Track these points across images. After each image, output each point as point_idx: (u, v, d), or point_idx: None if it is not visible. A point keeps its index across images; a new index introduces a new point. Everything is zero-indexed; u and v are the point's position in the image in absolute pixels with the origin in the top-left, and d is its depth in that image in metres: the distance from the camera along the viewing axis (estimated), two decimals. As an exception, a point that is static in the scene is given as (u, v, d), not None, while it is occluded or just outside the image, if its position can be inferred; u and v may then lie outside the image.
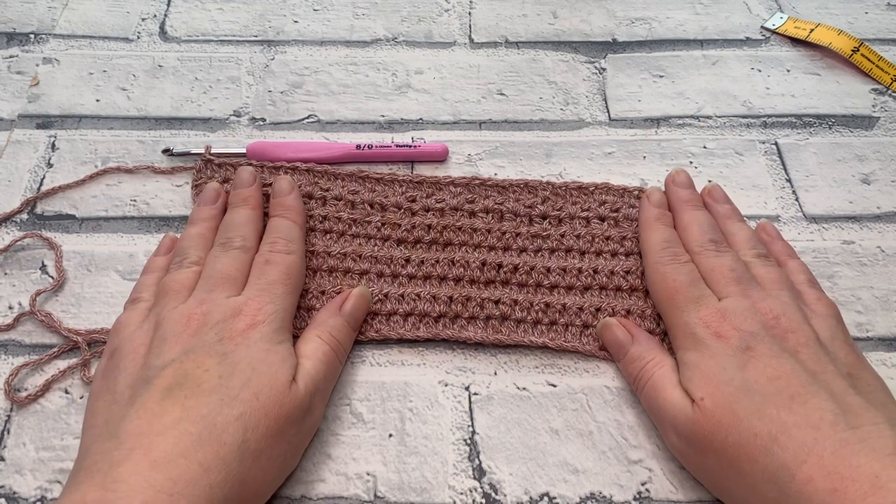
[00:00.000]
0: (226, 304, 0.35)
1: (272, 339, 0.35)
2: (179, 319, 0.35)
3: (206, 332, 0.34)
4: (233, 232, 0.39)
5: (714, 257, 0.39)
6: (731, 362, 0.34)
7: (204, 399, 0.31)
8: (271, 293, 0.36)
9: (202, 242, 0.40)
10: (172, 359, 0.33)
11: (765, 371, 0.33)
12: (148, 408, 0.31)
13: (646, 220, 0.42)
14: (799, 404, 0.31)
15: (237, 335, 0.34)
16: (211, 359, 0.33)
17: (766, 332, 0.34)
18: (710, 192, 0.44)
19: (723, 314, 0.35)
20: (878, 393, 0.33)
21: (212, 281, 0.37)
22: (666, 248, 0.39)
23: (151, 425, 0.30)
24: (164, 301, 0.36)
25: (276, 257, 0.38)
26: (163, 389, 0.31)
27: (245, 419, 0.31)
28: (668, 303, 0.38)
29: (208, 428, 0.30)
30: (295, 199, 0.42)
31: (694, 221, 0.41)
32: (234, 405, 0.31)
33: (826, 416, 0.30)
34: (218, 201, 0.42)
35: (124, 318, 0.37)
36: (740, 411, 0.32)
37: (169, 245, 0.42)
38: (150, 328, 0.35)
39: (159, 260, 0.41)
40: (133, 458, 0.29)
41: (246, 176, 0.42)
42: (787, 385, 0.32)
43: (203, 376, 0.32)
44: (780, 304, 0.36)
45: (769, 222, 0.44)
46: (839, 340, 0.35)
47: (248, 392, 0.32)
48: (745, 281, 0.37)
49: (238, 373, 0.33)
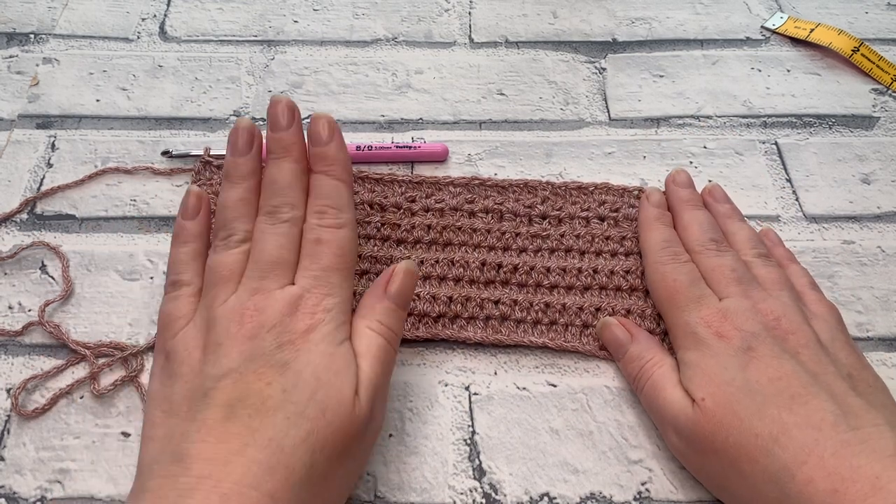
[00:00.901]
0: (280, 298, 0.32)
1: (334, 340, 0.32)
2: (232, 317, 0.32)
3: (263, 337, 0.31)
4: (279, 198, 0.35)
5: (715, 257, 0.38)
6: (733, 362, 0.33)
7: (269, 419, 0.29)
8: (328, 283, 0.33)
9: (246, 210, 0.36)
10: (231, 368, 0.30)
11: (766, 371, 0.33)
12: (211, 427, 0.29)
13: (645, 220, 0.42)
14: (800, 405, 0.31)
15: (297, 339, 0.31)
16: (272, 370, 0.30)
17: (767, 333, 0.34)
18: (711, 192, 0.44)
19: (724, 314, 0.35)
20: (878, 394, 0.33)
21: (262, 266, 0.33)
22: (666, 248, 0.39)
23: (217, 451, 0.28)
24: (214, 292, 0.33)
25: (327, 234, 0.34)
26: (224, 406, 0.29)
27: (312, 440, 0.29)
28: (668, 302, 0.38)
29: (276, 453, 0.28)
30: (338, 149, 0.36)
31: (694, 221, 0.41)
32: (300, 424, 0.29)
33: (827, 417, 0.30)
34: (254, 147, 0.37)
35: (170, 308, 0.34)
36: (741, 411, 0.32)
37: (196, 205, 0.37)
38: (203, 325, 0.33)
39: (190, 226, 0.37)
40: (202, 489, 0.27)
41: (284, 112, 0.36)
42: (788, 386, 0.32)
43: (265, 391, 0.30)
44: (780, 304, 0.36)
45: (770, 229, 0.44)
46: (840, 342, 0.35)
47: (315, 408, 0.30)
48: (746, 281, 0.37)
49: (302, 384, 0.30)
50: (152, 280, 0.42)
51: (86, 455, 0.36)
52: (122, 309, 0.41)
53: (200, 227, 0.37)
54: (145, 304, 0.41)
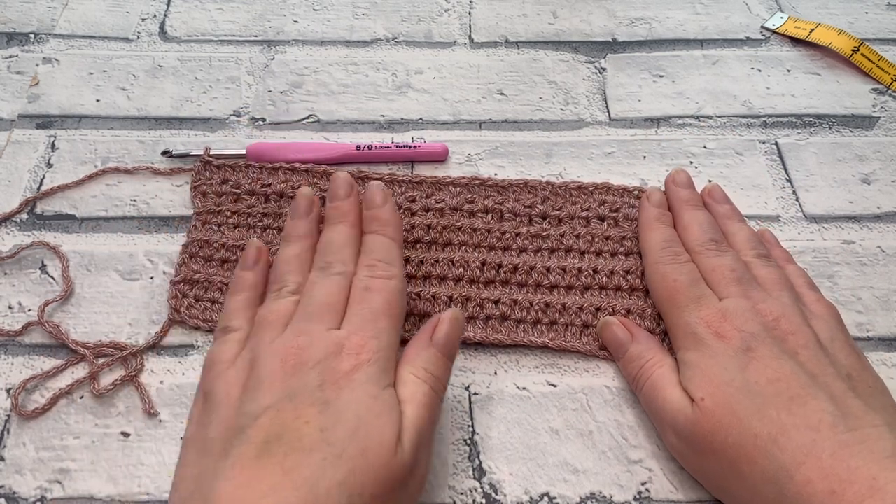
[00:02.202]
0: (326, 337, 0.32)
1: (378, 383, 0.31)
2: (276, 355, 0.32)
3: (305, 374, 0.31)
4: (333, 256, 0.36)
5: (715, 257, 0.38)
6: (732, 363, 0.33)
7: (305, 459, 0.28)
8: (375, 327, 0.33)
9: (300, 266, 0.37)
10: (269, 405, 0.30)
11: (765, 372, 0.33)
12: (243, 466, 0.28)
13: (645, 220, 0.42)
14: (798, 406, 0.31)
15: (341, 378, 0.31)
16: (312, 408, 0.29)
17: (766, 334, 0.34)
18: (710, 192, 0.44)
19: (724, 314, 0.35)
20: (877, 395, 0.33)
21: (310, 309, 0.34)
22: (666, 248, 0.39)
23: (247, 492, 0.27)
24: (261, 335, 0.33)
25: (377, 283, 0.35)
26: (259, 444, 0.28)
27: (350, 483, 0.28)
28: (668, 302, 0.38)
29: (310, 495, 0.27)
30: (391, 212, 0.38)
31: (694, 221, 0.41)
32: (338, 465, 0.28)
33: (825, 418, 0.30)
34: (312, 213, 0.39)
35: (216, 351, 0.34)
36: (740, 412, 0.32)
37: (255, 257, 0.38)
38: (245, 366, 0.32)
39: (247, 276, 0.38)
40: None
41: (343, 185, 0.39)
42: (788, 387, 0.32)
43: (303, 429, 0.29)
44: (780, 305, 0.36)
45: (768, 230, 0.44)
46: (839, 342, 0.35)
47: (355, 448, 0.28)
48: (746, 281, 0.37)
49: (342, 423, 0.29)
50: (152, 280, 0.42)
51: (86, 455, 0.36)
52: (121, 309, 0.41)
53: (257, 278, 0.38)
54: (145, 304, 0.41)
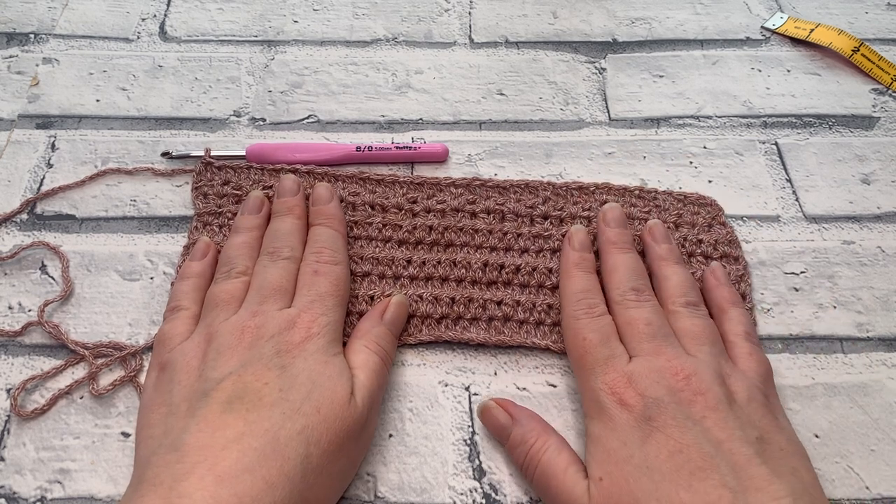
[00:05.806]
0: (279, 315, 0.35)
1: (328, 352, 0.34)
2: (233, 331, 0.34)
3: (262, 345, 0.34)
4: (280, 242, 0.39)
5: (633, 308, 0.37)
6: (633, 436, 0.32)
7: (266, 413, 0.31)
8: (323, 305, 0.36)
9: (248, 252, 0.40)
10: (230, 371, 0.33)
11: (666, 444, 0.31)
12: (209, 420, 0.30)
13: (564, 266, 0.40)
14: (699, 481, 0.30)
15: (294, 347, 0.34)
16: (270, 372, 0.32)
17: (671, 398, 0.32)
18: (651, 231, 0.41)
19: (629, 378, 0.34)
20: (788, 458, 0.31)
21: (263, 292, 0.36)
22: (581, 300, 0.38)
23: (214, 439, 0.30)
24: (215, 313, 0.36)
25: (324, 268, 0.38)
26: (223, 402, 0.31)
27: (307, 433, 0.31)
28: (577, 363, 0.36)
29: (271, 443, 0.30)
30: (335, 207, 0.42)
31: (620, 266, 0.39)
32: (296, 419, 0.31)
33: (724, 495, 0.29)
34: (262, 210, 0.42)
35: (168, 328, 0.37)
36: (637, 492, 0.30)
37: (204, 250, 0.41)
38: (202, 340, 0.35)
39: (195, 265, 0.40)
40: (197, 473, 0.28)
41: (290, 184, 0.42)
42: (688, 459, 0.30)
43: (263, 389, 0.32)
44: (692, 363, 0.34)
45: (720, 265, 0.41)
46: (756, 402, 0.33)
47: (310, 405, 0.32)
48: (661, 337, 0.35)
49: (298, 385, 0.32)
50: (152, 280, 0.42)
51: (85, 455, 0.36)
52: (121, 309, 0.41)
53: (204, 267, 0.40)
54: (145, 304, 0.41)
